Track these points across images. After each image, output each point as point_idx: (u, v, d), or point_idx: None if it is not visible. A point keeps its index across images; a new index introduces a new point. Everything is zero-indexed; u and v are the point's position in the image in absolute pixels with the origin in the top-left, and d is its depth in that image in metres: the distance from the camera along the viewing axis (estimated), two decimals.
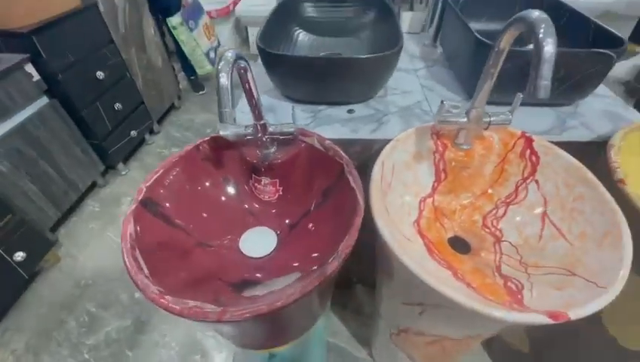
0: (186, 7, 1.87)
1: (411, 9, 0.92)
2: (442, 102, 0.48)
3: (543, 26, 0.34)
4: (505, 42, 0.42)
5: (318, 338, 0.85)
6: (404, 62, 0.81)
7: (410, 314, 0.53)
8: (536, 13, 0.35)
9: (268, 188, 0.57)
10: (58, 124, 1.23)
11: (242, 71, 0.42)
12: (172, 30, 1.85)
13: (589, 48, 0.57)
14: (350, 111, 0.66)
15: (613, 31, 0.61)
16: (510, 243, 0.52)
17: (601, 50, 0.55)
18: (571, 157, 0.50)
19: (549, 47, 0.34)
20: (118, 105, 1.47)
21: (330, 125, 0.63)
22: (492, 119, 0.50)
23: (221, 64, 0.37)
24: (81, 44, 1.26)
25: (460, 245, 0.55)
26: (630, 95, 2.06)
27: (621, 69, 2.23)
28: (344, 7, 0.83)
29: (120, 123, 1.51)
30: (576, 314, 0.34)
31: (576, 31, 0.68)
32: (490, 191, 0.57)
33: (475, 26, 0.78)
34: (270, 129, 0.52)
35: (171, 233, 0.49)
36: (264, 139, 0.53)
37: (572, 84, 0.60)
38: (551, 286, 0.42)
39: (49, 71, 1.15)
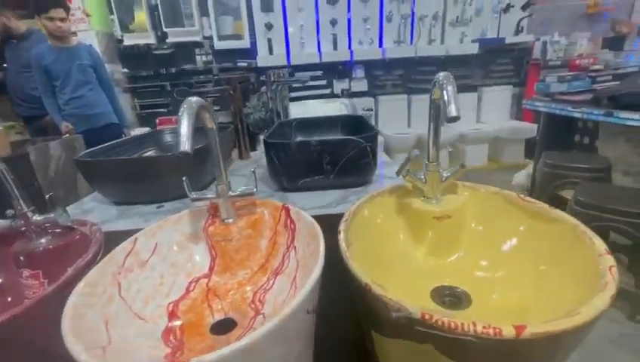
0: None
1: None
2: (184, 179, 0.54)
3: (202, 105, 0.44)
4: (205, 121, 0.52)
5: None
6: (244, 171, 0.93)
7: None
8: (194, 102, 0.46)
9: (30, 282, 0.55)
10: None
11: None
12: None
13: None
14: (160, 206, 0.71)
15: (377, 130, 0.75)
16: (264, 314, 0.48)
17: (349, 137, 0.67)
18: (310, 216, 0.53)
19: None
20: None
21: (131, 219, 0.66)
22: (238, 191, 0.55)
23: None
24: None
25: (228, 325, 0.50)
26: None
27: (521, 177, 2.53)
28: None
29: None
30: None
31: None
32: (266, 264, 0.57)
33: (299, 137, 0.94)
34: (36, 218, 0.55)
35: None
36: (31, 228, 0.55)
37: (344, 166, 0.69)
38: None
39: None
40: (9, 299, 0.54)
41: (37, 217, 0.55)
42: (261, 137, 1.13)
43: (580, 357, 1.06)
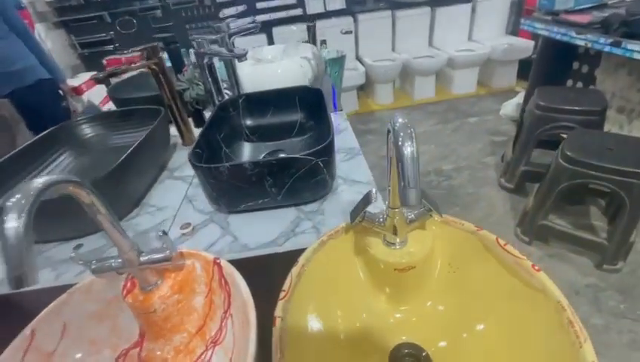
0: (77, 116, 1.90)
1: None
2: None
3: None
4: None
5: None
6: (185, 170, 0.78)
7: None
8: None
9: None
10: None
11: None
12: None
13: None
14: (78, 246, 0.59)
15: (332, 138, 0.58)
16: None
17: (295, 156, 0.53)
18: (245, 286, 0.43)
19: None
20: None
21: (40, 271, 0.55)
22: (147, 258, 0.44)
23: None
24: None
25: None
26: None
27: (510, 108, 2.39)
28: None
29: None
30: None
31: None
32: (204, 328, 0.49)
33: (248, 121, 0.78)
34: None
35: None
36: None
37: (292, 186, 0.56)
38: None
39: None
40: None
41: None
42: (206, 114, 0.95)
43: None
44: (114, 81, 1.20)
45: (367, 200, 0.44)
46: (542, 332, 0.37)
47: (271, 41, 2.72)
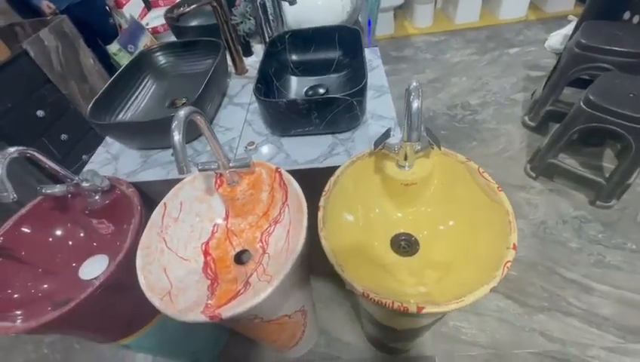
0: (123, 33, 2.02)
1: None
2: (198, 163, 0.64)
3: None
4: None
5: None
6: (242, 97, 0.95)
7: None
8: None
9: (100, 226, 0.75)
10: None
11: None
12: (113, 57, 2.01)
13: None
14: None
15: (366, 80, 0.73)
16: (269, 254, 0.68)
17: (336, 96, 0.68)
18: (297, 186, 0.64)
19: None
20: (64, 136, 1.67)
21: (153, 169, 0.79)
22: (233, 164, 0.65)
23: None
24: (16, 90, 1.45)
25: (244, 256, 0.72)
26: None
27: (556, 39, 2.23)
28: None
29: (69, 151, 1.71)
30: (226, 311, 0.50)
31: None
32: (268, 212, 0.73)
33: (293, 56, 0.92)
34: (83, 185, 0.70)
35: (17, 267, 0.68)
36: (82, 193, 0.71)
37: (331, 118, 0.73)
38: (255, 290, 0.59)
39: None
40: (94, 243, 0.76)
41: (85, 184, 0.70)
42: (258, 46, 1.07)
43: (532, 233, 1.32)
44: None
45: (387, 134, 0.61)
46: (494, 226, 0.56)
47: None
